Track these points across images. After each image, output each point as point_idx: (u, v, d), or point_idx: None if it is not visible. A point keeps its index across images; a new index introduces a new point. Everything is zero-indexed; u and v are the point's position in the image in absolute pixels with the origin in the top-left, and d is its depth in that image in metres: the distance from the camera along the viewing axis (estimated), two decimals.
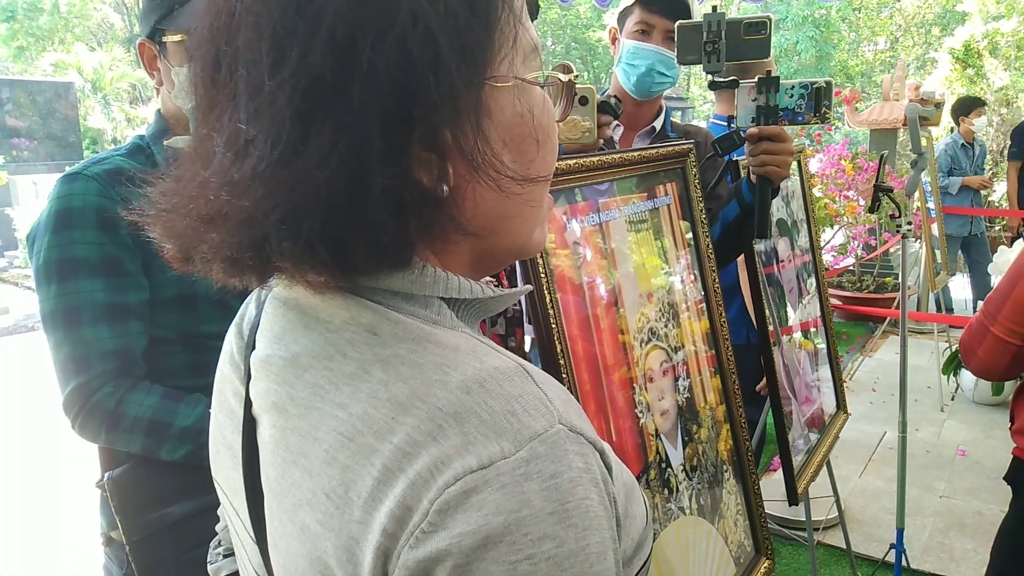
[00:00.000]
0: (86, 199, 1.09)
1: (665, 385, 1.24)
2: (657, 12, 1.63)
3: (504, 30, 0.48)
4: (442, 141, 0.45)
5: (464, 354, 0.48)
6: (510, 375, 0.47)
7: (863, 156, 5.23)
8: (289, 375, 0.51)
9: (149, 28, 1.16)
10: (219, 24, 0.46)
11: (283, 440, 0.50)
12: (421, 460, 0.43)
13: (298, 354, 0.51)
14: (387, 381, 0.46)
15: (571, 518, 0.43)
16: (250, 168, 0.44)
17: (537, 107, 0.51)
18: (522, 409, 0.45)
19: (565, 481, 0.43)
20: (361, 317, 0.49)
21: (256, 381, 0.55)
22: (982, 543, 2.80)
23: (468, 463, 0.42)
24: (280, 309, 0.55)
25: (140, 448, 1.10)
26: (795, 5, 18.93)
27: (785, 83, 1.36)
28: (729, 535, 1.35)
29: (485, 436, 0.43)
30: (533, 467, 0.43)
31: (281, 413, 0.51)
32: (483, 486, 0.42)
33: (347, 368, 0.48)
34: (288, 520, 0.49)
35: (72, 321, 1.08)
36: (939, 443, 3.79)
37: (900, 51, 21.38)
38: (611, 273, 1.17)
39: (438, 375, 0.46)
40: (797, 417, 1.88)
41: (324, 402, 0.48)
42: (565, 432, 0.45)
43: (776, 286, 1.87)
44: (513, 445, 0.43)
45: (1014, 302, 1.48)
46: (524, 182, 0.50)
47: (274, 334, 0.54)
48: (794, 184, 2.09)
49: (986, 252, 5.79)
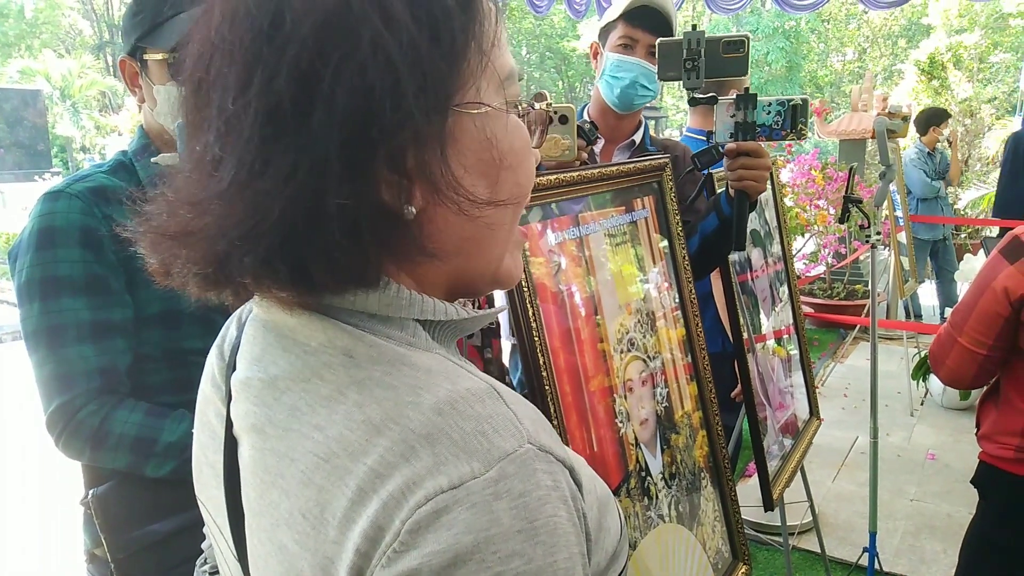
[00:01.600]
0: (69, 217, 1.09)
1: (644, 394, 1.27)
2: (640, 27, 1.66)
3: (471, 60, 0.49)
4: (407, 164, 0.47)
5: (437, 376, 0.49)
6: (481, 396, 0.48)
7: (833, 166, 5.33)
8: (268, 397, 0.52)
9: (130, 46, 1.16)
10: (199, 51, 0.48)
11: (262, 461, 0.51)
12: (393, 481, 0.44)
13: (276, 376, 0.52)
14: (362, 403, 0.47)
15: (539, 535, 0.44)
16: (214, 187, 0.46)
17: (507, 133, 0.53)
18: (492, 429, 0.46)
19: (533, 499, 0.44)
20: (337, 340, 0.50)
21: (236, 402, 0.55)
22: (951, 545, 2.86)
23: (439, 483, 0.43)
24: (260, 331, 0.56)
25: (126, 465, 1.09)
26: (766, 17, 19.24)
27: (762, 100, 1.39)
28: (707, 542, 1.37)
29: (456, 456, 0.44)
30: (502, 486, 0.44)
31: (260, 434, 0.52)
32: (453, 505, 0.43)
33: (324, 390, 0.49)
34: (267, 540, 0.50)
35: (56, 339, 1.07)
36: (909, 447, 3.86)
37: (868, 62, 21.81)
38: (590, 284, 1.19)
39: (411, 397, 0.47)
40: (772, 423, 1.91)
41: (301, 424, 0.49)
42: (534, 451, 0.46)
43: (750, 294, 1.91)
44: (483, 465, 0.44)
45: (979, 313, 1.53)
46: (486, 205, 0.51)
47: (254, 356, 0.55)
48: (766, 194, 2.13)
49: (952, 259, 5.92)
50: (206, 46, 0.48)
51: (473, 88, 0.50)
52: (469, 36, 0.49)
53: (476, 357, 1.13)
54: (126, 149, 1.22)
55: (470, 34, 0.49)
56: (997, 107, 13.27)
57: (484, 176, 0.52)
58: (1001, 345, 1.52)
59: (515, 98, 0.54)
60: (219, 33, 0.47)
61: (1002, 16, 14.43)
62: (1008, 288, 1.47)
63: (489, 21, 0.51)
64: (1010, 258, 1.49)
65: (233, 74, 0.45)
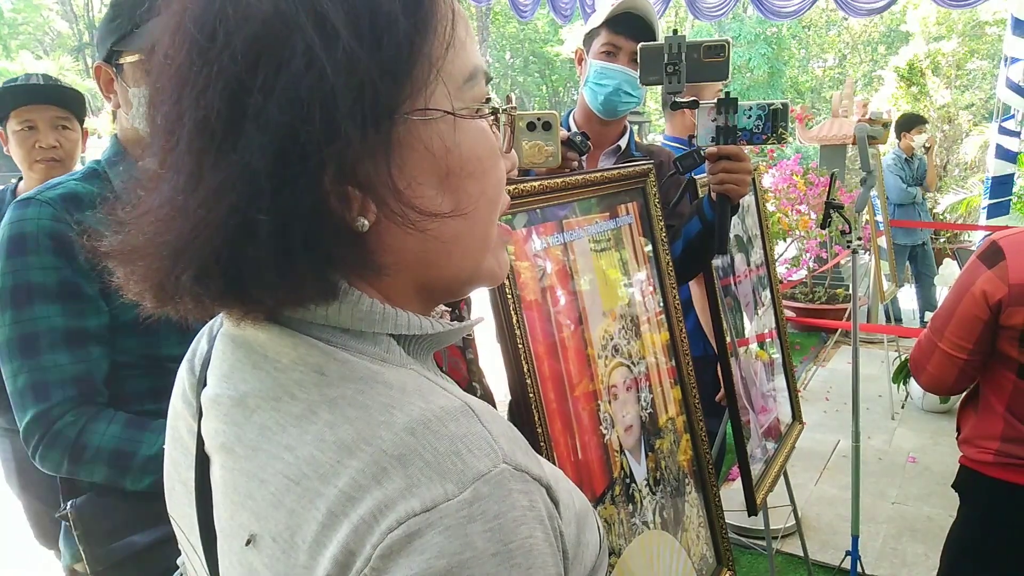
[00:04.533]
0: (40, 224, 1.07)
1: (628, 400, 1.26)
2: (623, 34, 1.67)
3: (420, 66, 0.47)
4: (356, 177, 0.45)
5: (411, 394, 0.48)
6: (455, 415, 0.47)
7: (814, 171, 5.38)
8: (237, 415, 0.51)
9: (106, 51, 1.14)
10: (151, 66, 0.48)
11: (232, 481, 0.50)
12: (365, 504, 0.43)
13: (246, 394, 0.51)
14: (333, 423, 0.46)
15: (514, 558, 0.43)
16: (152, 203, 0.46)
17: (468, 139, 0.51)
18: (466, 449, 0.45)
19: (509, 521, 0.44)
20: (309, 357, 0.49)
21: (207, 419, 0.54)
22: (932, 547, 2.88)
23: (411, 506, 0.42)
24: (229, 346, 0.54)
25: (104, 478, 1.07)
26: (748, 23, 19.41)
27: (743, 104, 1.40)
28: (692, 547, 1.37)
29: (429, 478, 0.43)
30: (477, 508, 0.43)
31: (229, 454, 0.51)
32: (426, 529, 0.42)
33: (294, 409, 0.48)
34: (238, 562, 0.49)
35: (29, 348, 1.05)
36: (890, 450, 3.90)
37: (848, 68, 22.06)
38: (575, 290, 1.19)
39: (384, 416, 0.46)
40: (755, 427, 1.92)
41: (271, 444, 0.48)
42: (509, 471, 0.45)
43: (733, 298, 1.92)
44: (457, 487, 0.43)
45: (959, 318, 1.54)
46: (445, 217, 0.49)
47: (223, 372, 0.54)
48: (748, 200, 2.15)
49: (932, 264, 5.99)
50: (155, 60, 0.48)
51: (424, 95, 0.48)
52: (417, 43, 0.47)
53: (459, 357, 1.12)
54: (99, 158, 1.20)
55: (418, 41, 0.47)
56: (974, 113, 13.48)
57: (443, 186, 0.50)
58: (980, 349, 1.54)
59: (480, 99, 0.52)
60: (163, 47, 0.47)
61: (979, 24, 14.66)
62: (986, 292, 1.49)
63: (443, 23, 0.49)
64: (988, 263, 1.50)
65: (169, 88, 0.46)
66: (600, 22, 1.70)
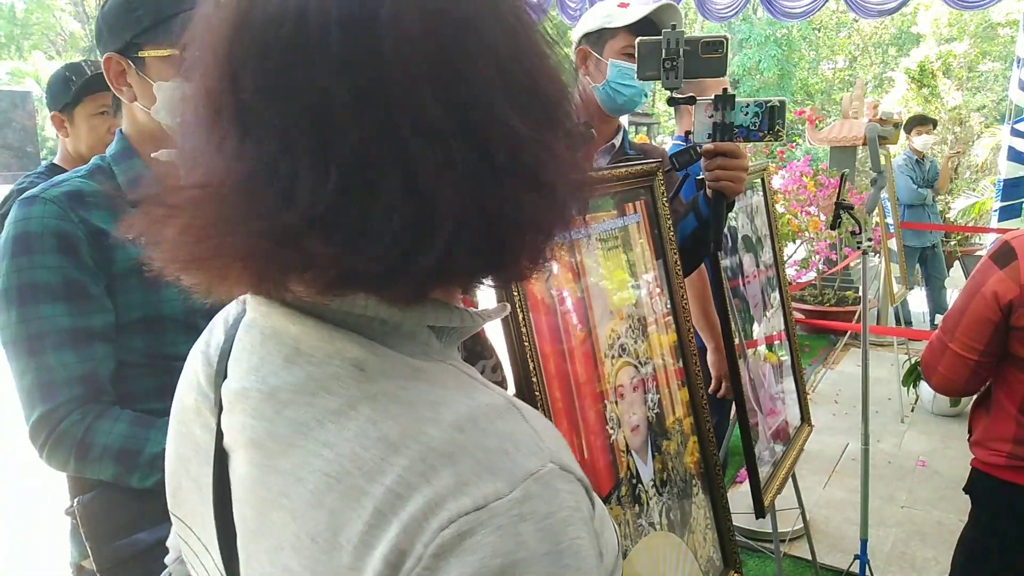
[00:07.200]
0: (44, 222, 1.06)
1: (635, 400, 1.26)
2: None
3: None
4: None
5: (454, 391, 0.47)
6: (501, 412, 0.47)
7: (824, 173, 5.36)
8: (267, 410, 0.49)
9: (122, 43, 1.13)
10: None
11: (262, 479, 0.49)
12: (414, 502, 0.42)
13: (277, 388, 0.49)
14: (376, 419, 0.45)
15: (564, 558, 0.43)
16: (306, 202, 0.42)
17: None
18: (514, 448, 0.45)
19: (558, 521, 0.43)
20: (347, 351, 0.48)
21: (230, 413, 0.52)
22: (943, 552, 2.86)
23: (463, 504, 0.42)
24: (257, 337, 0.52)
25: (110, 476, 1.06)
26: (758, 25, 19.37)
27: (740, 101, 1.40)
28: (698, 549, 1.36)
29: (479, 476, 0.43)
30: (527, 507, 0.42)
31: (259, 450, 0.49)
32: (478, 528, 0.41)
33: (332, 404, 0.47)
34: (268, 562, 0.48)
35: (35, 347, 1.05)
36: (900, 454, 3.87)
37: (858, 70, 21.97)
38: (581, 288, 1.18)
39: (430, 413, 0.45)
40: (763, 429, 1.91)
41: (308, 440, 0.46)
42: (556, 471, 0.45)
43: (741, 299, 1.91)
44: (507, 485, 0.43)
45: (969, 319, 1.53)
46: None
47: (251, 364, 0.52)
48: (758, 201, 2.14)
49: (942, 266, 5.96)
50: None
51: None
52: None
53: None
54: (104, 154, 1.20)
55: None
56: (986, 115, 13.40)
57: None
58: (992, 351, 1.52)
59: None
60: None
61: (991, 25, 14.58)
62: (998, 293, 1.47)
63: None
64: (1000, 263, 1.49)
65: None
66: (621, 25, 1.70)
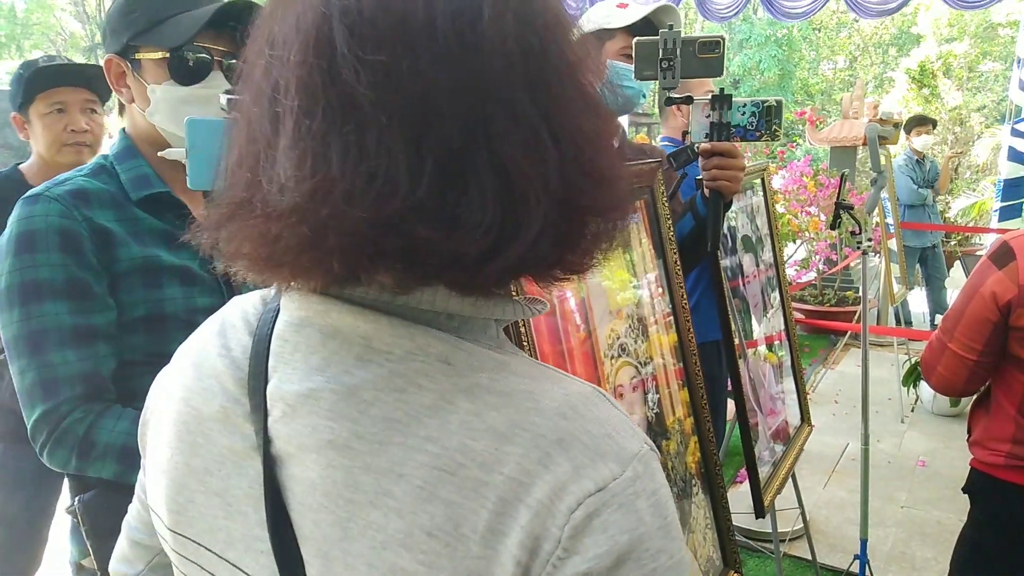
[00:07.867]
0: (48, 220, 1.06)
1: (635, 400, 1.26)
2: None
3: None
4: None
5: (542, 381, 0.49)
6: (593, 399, 0.49)
7: (824, 173, 5.36)
8: (349, 409, 0.48)
9: (121, 45, 1.13)
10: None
11: (349, 480, 0.47)
12: (538, 488, 0.44)
13: (356, 387, 0.48)
14: (478, 411, 0.46)
15: (671, 530, 0.46)
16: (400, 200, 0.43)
17: None
18: (616, 431, 0.47)
19: (663, 497, 0.47)
20: (430, 347, 0.48)
21: (291, 417, 0.50)
22: (942, 552, 2.86)
23: (585, 487, 0.44)
24: (315, 336, 0.50)
25: (112, 475, 1.06)
26: (758, 25, 19.36)
27: (737, 101, 1.40)
28: (698, 549, 1.36)
29: (592, 460, 0.45)
30: (640, 485, 0.45)
31: (342, 451, 0.48)
32: (603, 508, 0.44)
33: (425, 400, 0.47)
34: (365, 564, 0.47)
35: (37, 345, 1.05)
36: (900, 454, 3.87)
37: (859, 70, 21.96)
38: (581, 288, 1.18)
39: (530, 403, 0.46)
40: (763, 429, 1.91)
41: (405, 436, 0.46)
42: (650, 451, 0.48)
43: (741, 300, 1.91)
44: (619, 466, 0.45)
45: (968, 319, 1.53)
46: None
47: (312, 365, 0.50)
48: (758, 201, 2.14)
49: (942, 266, 5.95)
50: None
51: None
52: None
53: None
54: (107, 153, 1.20)
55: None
56: (986, 115, 13.39)
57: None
58: (991, 351, 1.52)
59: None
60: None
61: (991, 26, 14.57)
62: (996, 293, 1.47)
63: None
64: (998, 263, 1.49)
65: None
66: (619, 26, 1.69)
